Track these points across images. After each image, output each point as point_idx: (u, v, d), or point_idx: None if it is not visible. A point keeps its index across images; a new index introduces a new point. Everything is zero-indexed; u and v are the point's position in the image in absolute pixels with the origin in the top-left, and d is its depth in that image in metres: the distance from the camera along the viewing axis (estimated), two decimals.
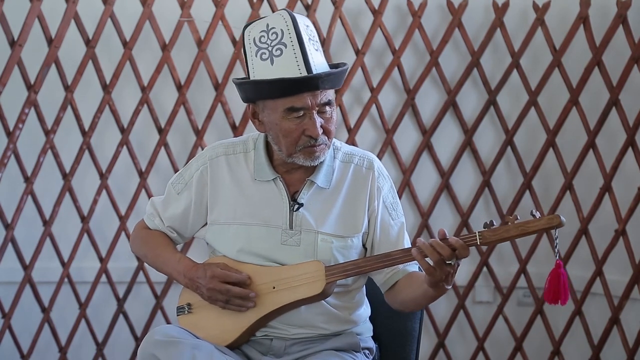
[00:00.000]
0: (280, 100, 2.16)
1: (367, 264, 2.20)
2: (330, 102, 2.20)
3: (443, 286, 2.10)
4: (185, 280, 2.29)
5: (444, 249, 2.04)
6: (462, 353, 3.78)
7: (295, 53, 2.14)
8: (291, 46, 2.14)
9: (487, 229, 2.07)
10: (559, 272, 2.08)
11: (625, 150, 3.46)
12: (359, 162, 2.32)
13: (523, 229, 2.05)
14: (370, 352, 2.37)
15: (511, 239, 2.09)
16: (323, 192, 2.27)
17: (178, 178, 2.36)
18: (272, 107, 2.18)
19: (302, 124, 2.18)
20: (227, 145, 2.34)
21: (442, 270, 2.06)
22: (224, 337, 2.25)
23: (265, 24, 2.18)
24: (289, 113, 2.17)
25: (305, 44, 2.15)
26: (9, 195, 3.54)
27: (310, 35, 2.18)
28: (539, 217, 2.05)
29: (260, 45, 2.17)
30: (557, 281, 2.08)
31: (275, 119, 2.19)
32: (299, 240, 2.24)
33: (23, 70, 3.43)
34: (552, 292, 2.08)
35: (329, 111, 2.20)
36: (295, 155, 2.21)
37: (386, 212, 2.30)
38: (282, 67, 2.14)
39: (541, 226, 2.04)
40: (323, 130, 2.19)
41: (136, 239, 2.43)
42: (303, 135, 2.18)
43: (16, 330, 3.58)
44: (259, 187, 2.28)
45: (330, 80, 2.17)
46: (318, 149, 2.20)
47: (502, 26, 3.56)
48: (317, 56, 2.18)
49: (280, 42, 2.15)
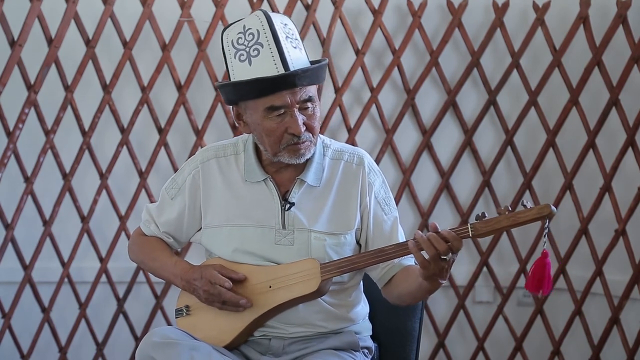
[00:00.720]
0: (260, 100, 2.17)
1: (362, 259, 2.20)
2: (311, 98, 2.19)
3: (437, 280, 2.10)
4: (182, 282, 2.29)
5: (440, 243, 2.04)
6: (462, 353, 3.78)
7: (272, 52, 2.14)
8: (267, 45, 2.15)
9: (478, 221, 2.08)
10: (544, 261, 2.07)
11: (625, 150, 3.46)
12: (349, 158, 2.31)
13: (514, 220, 2.06)
14: (369, 351, 2.37)
15: (503, 230, 2.09)
16: (314, 190, 2.27)
17: (171, 183, 2.37)
18: (253, 108, 2.19)
19: (283, 122, 2.18)
20: (217, 148, 2.35)
21: (437, 264, 2.06)
22: (222, 337, 2.25)
23: (242, 25, 2.19)
24: (269, 112, 2.17)
25: (281, 42, 2.15)
26: (9, 195, 3.54)
27: (287, 34, 2.18)
28: (530, 207, 2.06)
29: (238, 46, 2.18)
30: (541, 271, 2.08)
31: (257, 119, 2.19)
32: (292, 240, 2.24)
33: (23, 70, 3.43)
34: (536, 280, 2.08)
35: (310, 107, 2.20)
36: (280, 154, 2.21)
37: (379, 207, 2.30)
38: (259, 66, 2.15)
39: (532, 216, 2.04)
40: (306, 127, 2.19)
41: (133, 246, 2.44)
42: (286, 134, 2.18)
43: (16, 330, 3.58)
44: (250, 188, 2.28)
45: (308, 76, 2.16)
46: (302, 146, 2.20)
47: (502, 26, 3.55)
48: (295, 54, 2.17)
49: (257, 42, 2.16)
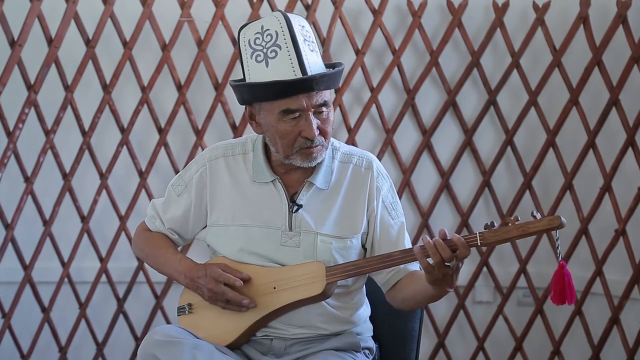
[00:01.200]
0: (276, 103, 2.16)
1: (368, 264, 2.20)
2: (327, 102, 2.19)
3: (444, 287, 2.10)
4: (186, 280, 2.28)
5: (445, 250, 2.04)
6: (462, 353, 3.78)
7: (290, 55, 2.13)
8: (285, 48, 2.14)
9: (487, 230, 2.07)
10: (562, 272, 2.07)
11: (625, 150, 3.46)
12: (358, 162, 2.31)
13: (523, 230, 2.05)
14: (370, 352, 2.37)
15: (511, 240, 2.08)
16: (322, 193, 2.27)
17: (178, 180, 2.36)
18: (268, 109, 2.18)
19: (298, 125, 2.17)
20: (226, 147, 2.34)
21: (440, 270, 2.06)
22: (225, 337, 2.25)
23: (260, 25, 2.18)
24: (284, 115, 2.17)
25: (299, 46, 2.14)
26: (9, 195, 3.54)
27: (305, 36, 2.18)
28: (539, 218, 2.05)
29: (255, 47, 2.17)
30: (562, 282, 2.07)
31: (272, 121, 2.18)
32: (298, 242, 2.24)
33: (23, 70, 3.43)
34: (559, 293, 2.08)
35: (325, 112, 2.20)
36: (292, 157, 2.21)
37: (386, 211, 2.30)
38: (276, 69, 2.14)
39: (541, 227, 2.04)
40: (319, 131, 2.19)
41: (138, 241, 2.43)
42: (299, 137, 2.18)
43: (16, 330, 3.58)
44: (258, 188, 2.28)
45: (325, 81, 2.16)
46: (315, 150, 2.20)
47: (502, 26, 3.55)
48: (312, 57, 2.17)
49: (274, 43, 2.15)
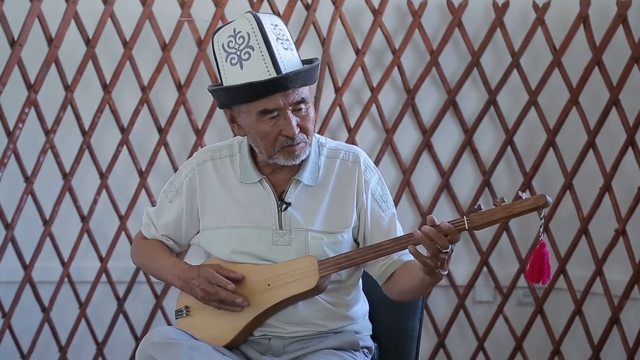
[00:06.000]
0: (253, 104, 2.17)
1: (360, 255, 2.21)
2: (304, 99, 2.19)
3: (439, 272, 2.11)
4: (181, 282, 2.29)
5: (441, 238, 2.04)
6: (462, 353, 3.78)
7: (263, 55, 2.14)
8: (258, 48, 2.14)
9: (474, 213, 2.08)
10: (542, 251, 2.09)
11: (625, 150, 3.46)
12: (345, 156, 2.31)
13: (510, 211, 2.06)
14: (369, 351, 2.37)
15: (499, 222, 2.09)
16: (310, 190, 2.27)
17: (169, 186, 2.37)
18: (247, 111, 2.19)
19: (277, 124, 2.18)
20: (213, 150, 2.35)
21: (437, 258, 2.07)
22: (222, 337, 2.25)
23: (232, 28, 2.18)
24: (262, 115, 2.17)
25: (272, 45, 2.14)
26: (9, 195, 3.54)
27: (278, 35, 2.18)
28: (525, 198, 2.06)
29: (229, 50, 2.17)
30: (540, 261, 2.09)
31: (251, 123, 2.19)
32: (289, 240, 2.25)
33: (23, 70, 3.43)
34: (535, 271, 2.10)
35: (304, 109, 2.20)
36: (275, 156, 2.21)
37: (376, 204, 2.30)
38: (251, 70, 2.14)
39: (527, 207, 2.05)
40: (300, 129, 2.19)
41: (135, 250, 2.45)
42: (280, 136, 2.18)
43: (16, 330, 3.58)
44: (246, 189, 2.28)
45: (300, 78, 2.16)
46: (297, 147, 2.20)
47: (502, 26, 3.55)
48: (286, 55, 2.17)
49: (247, 45, 2.15)
